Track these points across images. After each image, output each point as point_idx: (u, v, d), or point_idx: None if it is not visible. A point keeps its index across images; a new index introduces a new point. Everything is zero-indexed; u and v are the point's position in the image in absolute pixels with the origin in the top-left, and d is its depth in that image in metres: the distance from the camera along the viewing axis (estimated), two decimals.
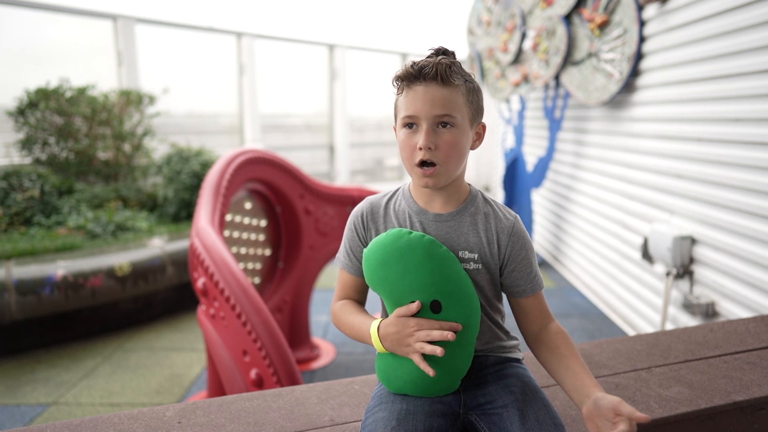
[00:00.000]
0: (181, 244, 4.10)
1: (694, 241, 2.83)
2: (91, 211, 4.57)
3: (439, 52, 1.05)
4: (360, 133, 9.15)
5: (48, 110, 4.98)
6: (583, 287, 4.37)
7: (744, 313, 2.48)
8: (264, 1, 7.62)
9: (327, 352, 3.33)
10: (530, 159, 5.41)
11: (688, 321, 2.85)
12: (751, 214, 2.43)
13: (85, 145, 5.15)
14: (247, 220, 3.07)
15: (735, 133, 2.52)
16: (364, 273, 1.06)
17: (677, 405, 1.24)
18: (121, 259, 3.72)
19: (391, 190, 1.17)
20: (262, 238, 3.18)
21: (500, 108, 6.31)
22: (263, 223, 3.18)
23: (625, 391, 1.30)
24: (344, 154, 8.65)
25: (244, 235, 3.05)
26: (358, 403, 1.27)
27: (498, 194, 6.95)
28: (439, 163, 1.01)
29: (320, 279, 4.25)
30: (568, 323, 3.71)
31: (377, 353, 1.09)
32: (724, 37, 2.57)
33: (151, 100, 5.63)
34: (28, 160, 5.08)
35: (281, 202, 3.11)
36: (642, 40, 3.24)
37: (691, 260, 2.85)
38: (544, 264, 5.17)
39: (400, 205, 1.12)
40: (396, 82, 1.06)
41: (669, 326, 3.05)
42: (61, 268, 3.47)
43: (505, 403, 1.02)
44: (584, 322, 3.74)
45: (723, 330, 1.68)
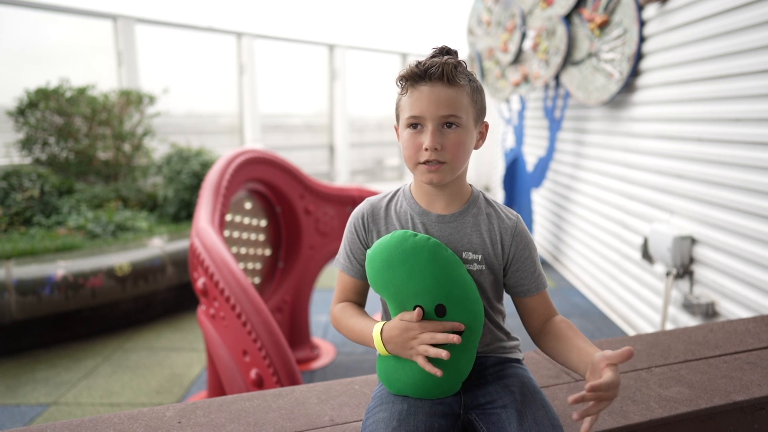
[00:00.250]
0: (181, 244, 4.10)
1: (694, 241, 2.83)
2: (91, 211, 4.57)
3: (443, 52, 1.04)
4: (360, 133, 9.15)
5: (48, 110, 4.99)
6: (583, 287, 4.37)
7: (744, 313, 2.48)
8: (264, 1, 7.62)
9: (327, 352, 3.33)
10: (530, 159, 5.41)
11: (688, 321, 2.85)
12: (751, 214, 2.43)
13: (85, 145, 5.15)
14: (247, 220, 3.07)
15: (735, 133, 2.52)
16: (367, 274, 1.05)
17: (677, 405, 1.24)
18: (121, 259, 3.72)
19: (391, 190, 1.16)
20: (262, 238, 3.18)
21: (500, 108, 6.31)
22: (263, 223, 3.18)
23: (625, 391, 1.30)
24: (344, 154, 8.65)
25: (244, 235, 3.05)
26: (358, 403, 1.26)
27: (498, 194, 6.95)
28: (446, 162, 1.01)
29: (320, 279, 4.25)
30: None
31: (378, 355, 1.08)
32: (724, 37, 2.57)
33: (151, 100, 5.63)
34: (28, 160, 5.08)
35: (281, 202, 3.11)
36: (642, 40, 3.24)
37: (691, 260, 2.85)
38: (544, 264, 5.17)
39: (401, 206, 1.11)
40: (400, 81, 1.04)
41: (669, 326, 3.05)
42: (61, 268, 3.47)
43: (504, 403, 1.02)
44: (584, 322, 3.74)
45: (723, 330, 1.68)
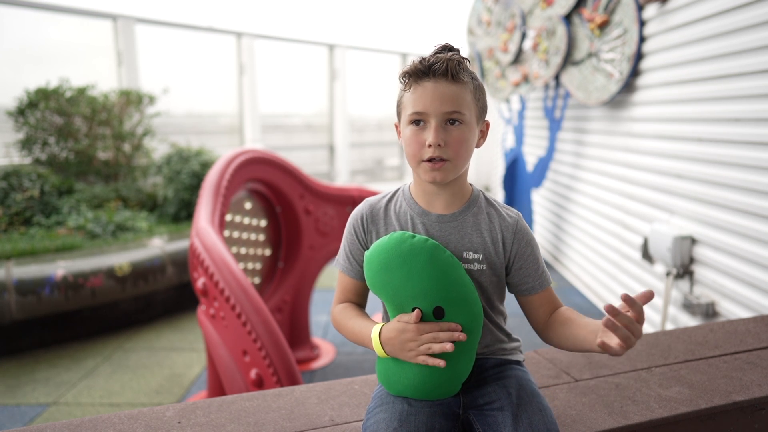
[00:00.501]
0: (181, 244, 4.10)
1: (694, 241, 2.83)
2: (91, 211, 4.57)
3: (447, 49, 1.03)
4: (360, 133, 9.15)
5: (48, 110, 4.98)
6: (583, 287, 4.37)
7: (744, 313, 2.48)
8: (264, 1, 7.61)
9: (327, 352, 3.33)
10: (530, 159, 5.41)
11: (688, 321, 2.85)
12: (751, 214, 2.43)
13: (85, 145, 5.15)
14: (247, 220, 3.06)
15: (735, 133, 2.52)
16: (365, 276, 1.05)
17: (677, 405, 1.24)
18: (121, 259, 3.72)
19: (390, 191, 1.15)
20: (262, 238, 3.18)
21: (500, 108, 6.31)
22: (263, 223, 3.18)
23: (625, 391, 1.30)
24: (344, 154, 8.65)
25: (244, 235, 3.05)
26: (358, 403, 1.26)
27: (498, 194, 6.95)
28: (449, 159, 1.00)
29: (320, 279, 4.25)
30: None
31: (377, 356, 1.08)
32: (724, 37, 2.56)
33: (151, 100, 5.63)
34: (28, 160, 5.08)
35: (281, 202, 3.11)
36: (642, 40, 3.24)
37: (691, 260, 2.85)
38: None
39: (401, 206, 1.10)
40: (403, 77, 1.03)
41: (669, 326, 3.05)
42: (61, 268, 3.47)
43: (501, 405, 1.02)
44: None
45: (723, 330, 1.68)
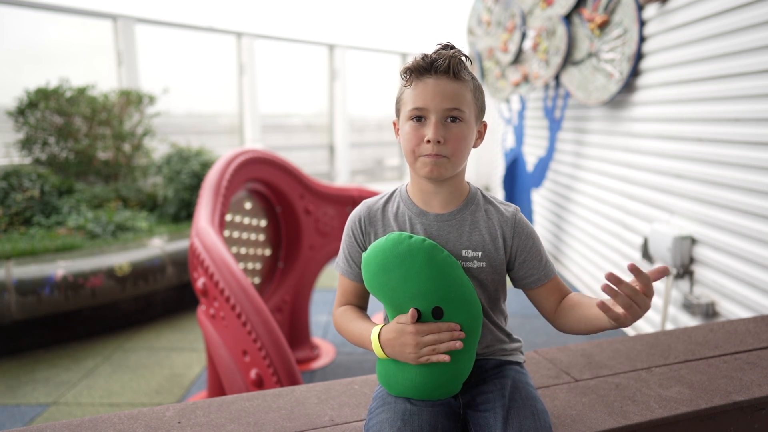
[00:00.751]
0: (181, 244, 4.10)
1: (694, 241, 2.83)
2: (91, 211, 4.57)
3: (448, 47, 1.03)
4: (360, 133, 9.15)
5: (48, 110, 4.98)
6: (583, 287, 4.37)
7: (744, 313, 2.48)
8: (264, 1, 7.61)
9: (327, 352, 3.33)
10: (530, 159, 5.41)
11: (688, 321, 2.85)
12: (751, 214, 2.43)
13: (85, 145, 5.15)
14: (247, 220, 3.06)
15: (735, 133, 2.52)
16: (363, 278, 1.05)
17: (677, 405, 1.24)
18: (121, 259, 3.72)
19: (387, 192, 1.15)
20: (262, 238, 3.18)
21: (500, 108, 6.31)
22: (263, 223, 3.18)
23: (625, 391, 1.30)
24: (344, 154, 8.65)
25: (244, 235, 3.05)
26: (358, 403, 1.26)
27: (498, 194, 6.94)
28: (448, 156, 1.00)
29: (320, 279, 4.25)
30: None
31: (378, 357, 1.08)
32: (724, 37, 2.56)
33: (151, 100, 5.63)
34: (28, 160, 5.08)
35: (281, 202, 3.11)
36: (642, 40, 3.24)
37: (691, 260, 2.85)
38: None
39: (398, 207, 1.10)
40: (405, 73, 1.04)
41: (669, 326, 3.05)
42: (61, 268, 3.47)
43: (495, 407, 1.02)
44: None
45: (723, 330, 1.68)
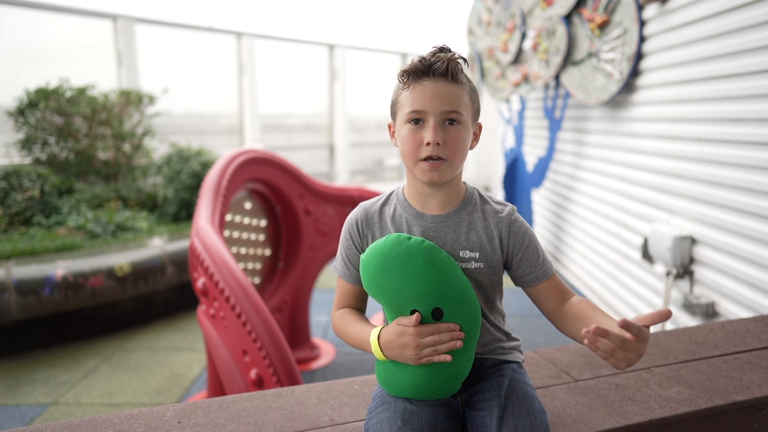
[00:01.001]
0: (181, 244, 4.10)
1: (694, 241, 2.83)
2: (91, 211, 4.57)
3: (445, 50, 1.04)
4: (360, 133, 9.15)
5: (48, 110, 4.99)
6: (583, 287, 4.37)
7: (744, 313, 2.48)
8: (264, 1, 7.61)
9: (327, 352, 3.33)
10: (530, 159, 5.41)
11: (688, 321, 2.85)
12: (751, 214, 2.43)
13: (85, 145, 5.15)
14: (247, 220, 3.06)
15: (735, 133, 2.52)
16: (362, 280, 1.04)
17: (677, 405, 1.24)
18: (121, 259, 3.72)
19: (384, 194, 1.15)
20: (262, 238, 3.18)
21: (500, 108, 6.31)
22: (263, 223, 3.18)
23: (625, 391, 1.30)
24: (344, 154, 8.65)
25: (244, 235, 3.05)
26: (358, 403, 1.26)
27: (498, 194, 6.94)
28: (447, 158, 1.00)
29: (320, 279, 4.25)
30: None
31: (377, 359, 1.08)
32: (724, 37, 2.56)
33: (151, 100, 5.63)
34: (28, 160, 5.08)
35: (281, 202, 3.11)
36: (642, 40, 3.24)
37: (691, 260, 2.85)
38: None
39: (395, 209, 1.10)
40: (402, 76, 1.04)
41: (669, 326, 3.05)
42: (61, 268, 3.47)
43: (491, 406, 1.02)
44: None
45: (723, 330, 1.68)
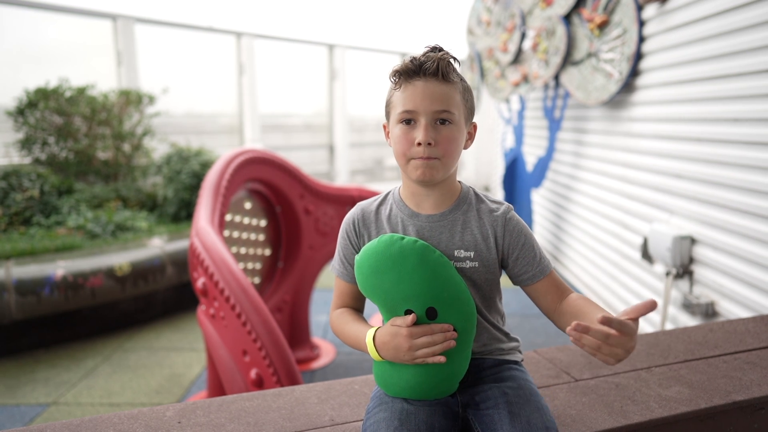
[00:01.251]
0: (181, 244, 4.10)
1: (693, 241, 2.83)
2: (90, 211, 4.57)
3: (436, 50, 1.04)
4: (360, 133, 9.15)
5: (47, 110, 4.98)
6: (583, 287, 4.37)
7: (744, 313, 2.48)
8: (264, 1, 7.61)
9: (327, 352, 3.33)
10: (530, 159, 5.41)
11: (688, 321, 2.85)
12: (751, 214, 2.43)
13: (84, 145, 5.15)
14: (247, 220, 3.06)
15: (734, 133, 2.52)
16: (356, 280, 1.05)
17: (677, 405, 1.24)
18: (121, 259, 3.72)
19: (381, 194, 1.16)
20: (262, 238, 3.18)
21: (500, 108, 6.31)
22: (263, 223, 3.18)
23: (625, 391, 1.30)
24: (344, 154, 8.64)
25: (244, 235, 3.05)
26: (358, 403, 1.27)
27: (498, 194, 6.95)
28: (439, 158, 1.00)
29: (320, 279, 4.24)
30: None
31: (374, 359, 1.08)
32: (724, 37, 2.57)
33: (151, 100, 5.63)
34: (27, 160, 5.08)
35: (281, 202, 3.11)
36: (641, 40, 3.24)
37: (691, 260, 2.85)
38: None
39: (391, 209, 1.11)
40: (394, 76, 1.04)
41: (669, 326, 3.05)
42: (60, 268, 3.47)
43: (498, 403, 1.01)
44: None
45: (723, 330, 1.68)
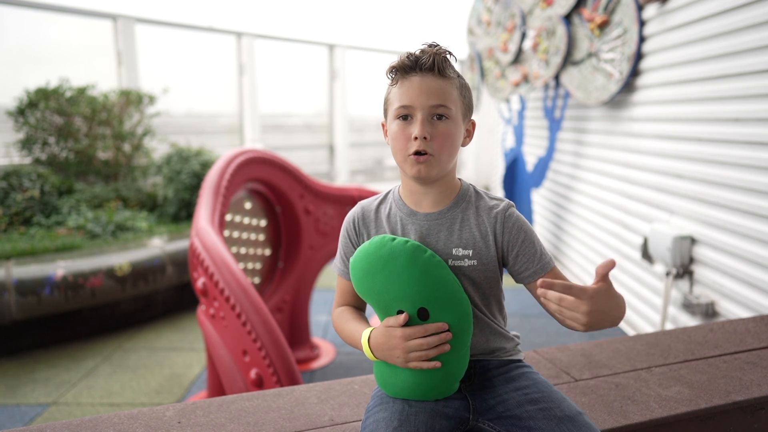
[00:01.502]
0: (181, 244, 4.10)
1: (693, 241, 2.83)
2: (91, 211, 4.57)
3: (433, 45, 1.04)
4: (360, 133, 9.15)
5: (48, 110, 4.98)
6: None
7: (744, 313, 2.48)
8: (264, 1, 7.61)
9: (327, 352, 3.33)
10: (530, 159, 5.41)
11: (688, 321, 2.85)
12: (751, 214, 2.43)
13: (85, 145, 5.15)
14: (247, 220, 3.06)
15: (734, 133, 2.52)
16: (352, 282, 1.05)
17: (677, 405, 1.24)
18: (121, 259, 3.72)
19: (382, 193, 1.16)
20: (262, 238, 3.18)
21: (500, 108, 6.31)
22: (263, 223, 3.18)
23: (625, 391, 1.30)
24: (344, 154, 8.64)
25: (244, 235, 3.05)
26: (358, 403, 1.27)
27: (498, 194, 6.94)
28: (434, 153, 1.00)
29: (320, 279, 4.24)
30: None
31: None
32: (724, 37, 2.57)
33: (151, 100, 5.63)
34: (28, 160, 5.08)
35: (281, 202, 3.11)
36: (642, 40, 3.24)
37: (691, 260, 2.85)
38: None
39: (390, 208, 1.11)
40: (390, 72, 1.05)
41: (669, 326, 3.05)
42: (60, 268, 3.47)
43: (521, 402, 1.00)
44: None
45: (723, 330, 1.68)
